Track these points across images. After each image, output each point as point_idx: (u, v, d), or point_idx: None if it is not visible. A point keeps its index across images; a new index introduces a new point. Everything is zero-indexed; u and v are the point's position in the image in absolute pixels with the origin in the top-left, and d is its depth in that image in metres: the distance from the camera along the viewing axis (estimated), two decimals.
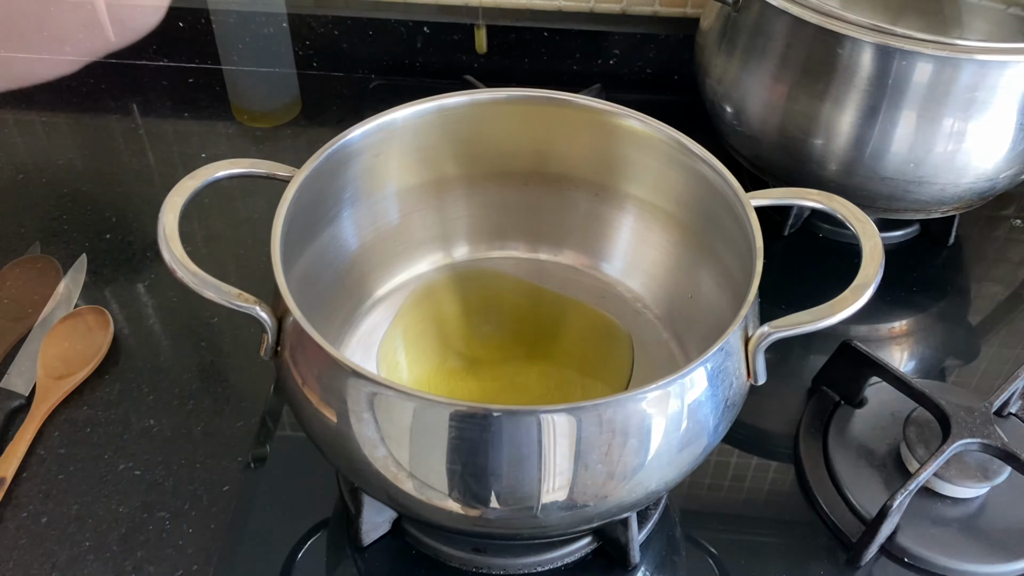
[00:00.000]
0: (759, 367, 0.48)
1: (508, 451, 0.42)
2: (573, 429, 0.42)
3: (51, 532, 0.56)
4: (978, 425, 0.56)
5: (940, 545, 0.56)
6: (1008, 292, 0.76)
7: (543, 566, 0.55)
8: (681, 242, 0.61)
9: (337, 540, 0.56)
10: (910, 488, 0.54)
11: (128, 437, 0.61)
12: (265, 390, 0.65)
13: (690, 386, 0.44)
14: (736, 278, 0.53)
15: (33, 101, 0.92)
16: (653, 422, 0.44)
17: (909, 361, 0.71)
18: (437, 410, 0.42)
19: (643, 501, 0.48)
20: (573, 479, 0.44)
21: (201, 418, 0.62)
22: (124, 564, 0.54)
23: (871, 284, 0.47)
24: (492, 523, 0.45)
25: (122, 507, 0.57)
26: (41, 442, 0.61)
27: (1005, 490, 0.58)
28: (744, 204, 0.52)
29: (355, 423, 0.44)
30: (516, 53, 0.94)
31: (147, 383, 0.65)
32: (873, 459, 0.60)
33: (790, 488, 0.60)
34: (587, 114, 0.59)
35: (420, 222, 0.65)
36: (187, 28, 0.94)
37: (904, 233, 0.80)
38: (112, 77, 0.95)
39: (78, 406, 0.63)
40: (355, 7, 0.94)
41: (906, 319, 0.74)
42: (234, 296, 0.47)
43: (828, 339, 0.63)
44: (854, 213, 0.51)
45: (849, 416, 0.63)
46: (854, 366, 0.62)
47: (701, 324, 0.59)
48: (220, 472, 0.59)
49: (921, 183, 0.69)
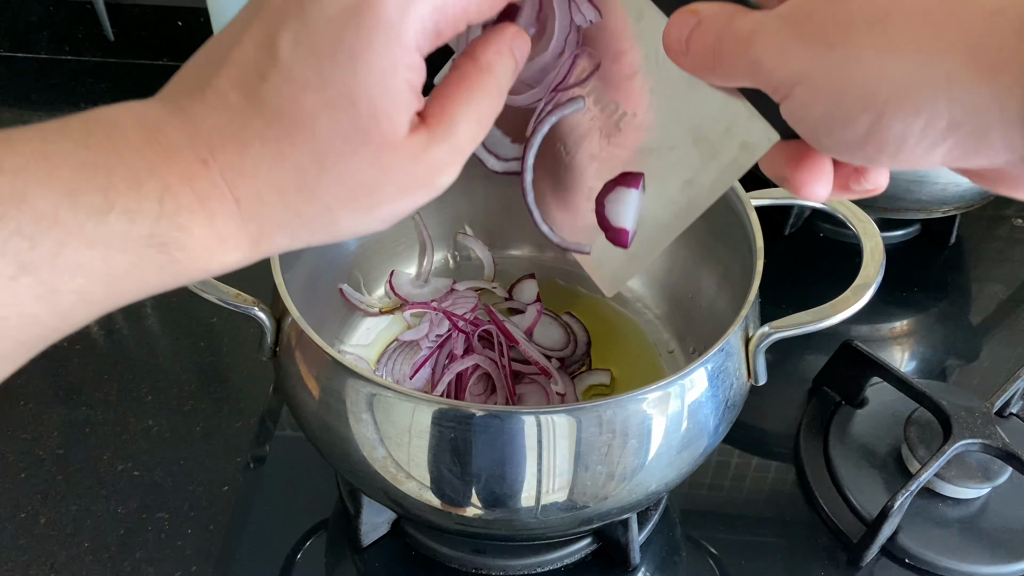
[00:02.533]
0: (759, 367, 0.48)
1: (508, 452, 0.42)
2: (573, 430, 0.42)
3: (50, 532, 0.56)
4: (979, 425, 0.56)
5: (941, 545, 0.56)
6: (1009, 292, 0.76)
7: (543, 567, 0.55)
8: (682, 242, 0.60)
9: (336, 541, 0.56)
10: (911, 488, 0.53)
11: (127, 438, 0.61)
12: (264, 391, 0.64)
13: (690, 386, 0.44)
14: (736, 278, 0.53)
15: (33, 101, 0.92)
16: (653, 423, 0.44)
17: (910, 361, 0.71)
18: (436, 411, 0.42)
19: (643, 502, 0.48)
20: (573, 480, 0.43)
21: (200, 418, 0.62)
22: (123, 565, 0.54)
23: (872, 284, 0.47)
24: (492, 524, 0.45)
25: (121, 508, 0.57)
26: (40, 442, 0.60)
27: (1006, 490, 0.58)
28: (745, 204, 0.51)
29: (354, 424, 0.44)
30: None
31: (146, 383, 0.65)
32: (874, 459, 0.60)
33: (791, 488, 0.60)
34: None
35: (420, 222, 0.65)
36: (187, 27, 0.93)
37: (905, 233, 0.80)
38: (111, 77, 0.95)
39: (77, 406, 0.63)
40: None
41: (907, 319, 0.74)
42: (232, 296, 0.47)
43: (829, 339, 0.63)
44: (855, 213, 0.51)
45: (850, 416, 0.63)
46: (855, 366, 0.62)
47: (701, 324, 0.59)
48: (219, 472, 0.59)
49: (922, 182, 0.69)
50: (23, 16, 0.94)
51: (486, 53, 0.31)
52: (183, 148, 0.27)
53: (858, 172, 0.31)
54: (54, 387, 0.64)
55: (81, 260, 0.26)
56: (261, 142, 0.27)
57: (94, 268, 0.26)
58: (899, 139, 0.26)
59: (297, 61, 0.27)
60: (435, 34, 0.28)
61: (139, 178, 0.26)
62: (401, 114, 0.28)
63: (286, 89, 0.27)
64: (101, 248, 0.26)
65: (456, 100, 0.30)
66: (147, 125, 0.27)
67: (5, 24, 0.95)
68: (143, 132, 0.27)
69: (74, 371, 0.65)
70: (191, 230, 0.27)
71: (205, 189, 0.27)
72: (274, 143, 0.27)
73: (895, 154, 0.26)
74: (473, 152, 0.32)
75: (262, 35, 0.28)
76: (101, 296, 0.27)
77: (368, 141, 0.28)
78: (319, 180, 0.28)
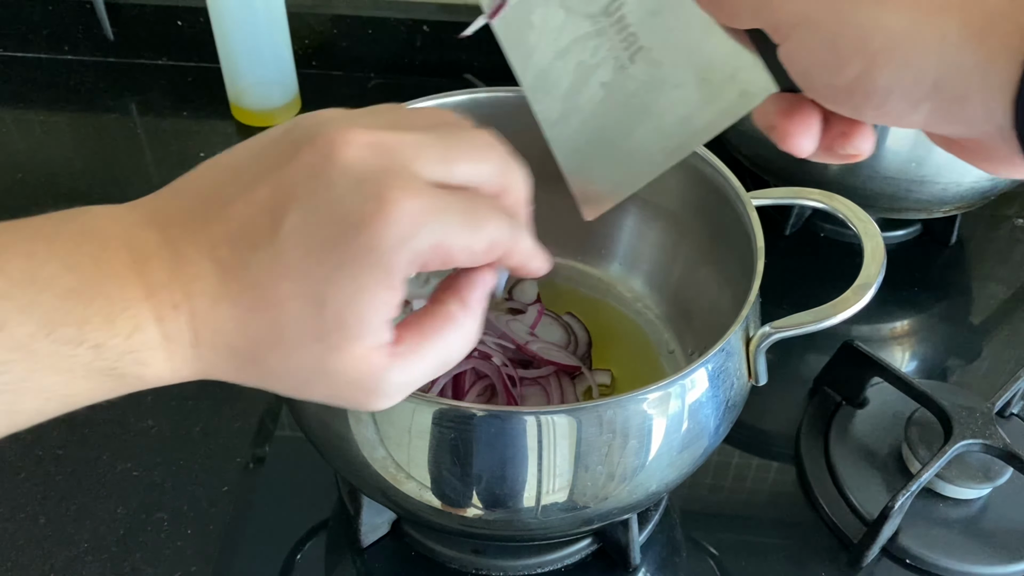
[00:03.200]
0: (760, 367, 0.48)
1: (508, 453, 0.42)
2: (573, 430, 0.42)
3: (49, 533, 0.56)
4: (980, 426, 0.56)
5: (942, 546, 0.56)
6: (1010, 292, 0.76)
7: (543, 567, 0.55)
8: (682, 242, 0.61)
9: (336, 541, 0.56)
10: (912, 489, 0.53)
11: (127, 437, 0.61)
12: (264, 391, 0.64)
13: (691, 387, 0.44)
14: (737, 278, 0.53)
15: (33, 101, 0.91)
16: (654, 423, 0.43)
17: (911, 361, 0.71)
18: (436, 412, 0.42)
19: (644, 502, 0.48)
20: (573, 480, 0.43)
21: (200, 418, 0.62)
22: (123, 565, 0.54)
23: (873, 284, 0.47)
24: (492, 525, 0.45)
25: (120, 508, 0.57)
26: (39, 442, 0.60)
27: (1007, 491, 0.58)
28: (745, 203, 0.51)
29: (354, 424, 0.44)
30: None
31: None
32: (875, 460, 0.60)
33: (791, 489, 0.60)
34: None
35: None
36: (186, 27, 0.93)
37: (906, 233, 0.80)
38: (111, 77, 0.95)
39: None
40: (355, 5, 0.94)
41: (908, 319, 0.74)
42: None
43: (829, 339, 0.63)
44: (856, 212, 0.51)
45: (851, 417, 0.63)
46: (856, 366, 0.62)
47: (702, 324, 0.59)
48: (219, 473, 0.59)
49: (923, 182, 0.68)
50: (23, 16, 0.94)
51: (472, 294, 0.32)
52: (162, 288, 0.28)
53: (844, 135, 0.32)
54: None
55: (45, 384, 0.27)
56: (232, 304, 0.28)
57: (55, 391, 0.27)
58: (885, 91, 0.27)
59: (291, 247, 0.27)
60: (421, 267, 0.29)
61: (114, 313, 0.27)
62: (369, 329, 0.28)
63: (271, 267, 0.28)
64: (66, 375, 0.27)
65: (432, 333, 0.31)
66: (135, 252, 0.28)
67: (5, 24, 0.94)
68: (130, 259, 0.28)
69: None
70: (151, 364, 0.28)
71: (171, 331, 0.28)
72: (243, 309, 0.28)
73: (880, 105, 0.27)
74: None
75: (272, 203, 0.28)
76: (55, 411, 0.29)
77: (322, 341, 0.28)
78: (268, 355, 0.29)
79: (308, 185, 0.28)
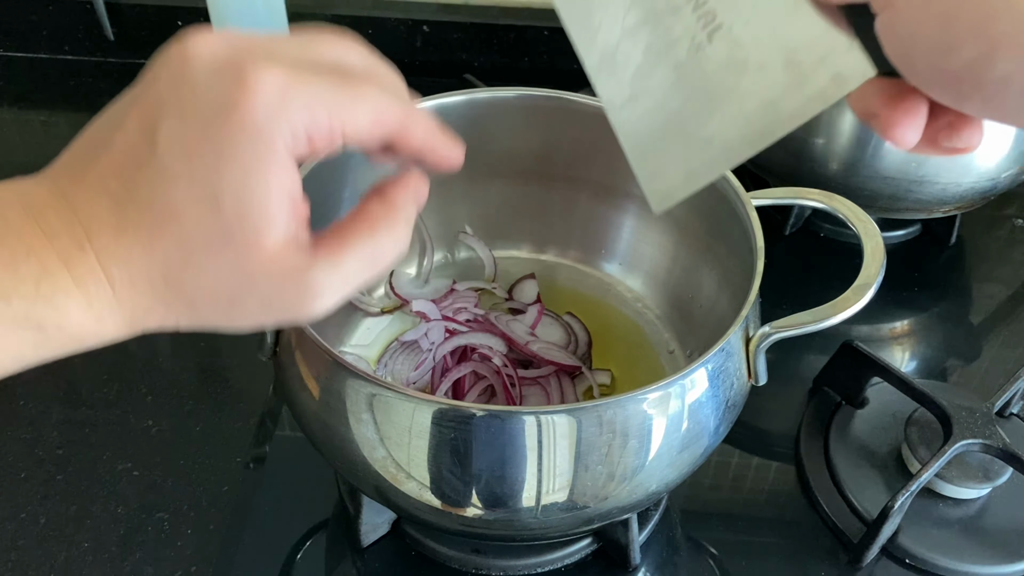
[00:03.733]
0: (760, 367, 0.48)
1: (508, 452, 0.42)
2: (573, 430, 0.42)
3: (49, 533, 0.56)
4: (980, 426, 0.56)
5: (941, 546, 0.56)
6: (1010, 292, 0.76)
7: (543, 567, 0.55)
8: (682, 242, 0.61)
9: (337, 541, 0.56)
10: (911, 489, 0.53)
11: (127, 437, 0.61)
12: (264, 391, 0.64)
13: (691, 387, 0.44)
14: (737, 278, 0.53)
15: (33, 101, 0.91)
16: (653, 423, 0.43)
17: (910, 361, 0.71)
18: (436, 412, 0.42)
19: (644, 502, 0.48)
20: (573, 480, 0.43)
21: (200, 418, 0.62)
22: (123, 565, 0.54)
23: (873, 284, 0.47)
24: (492, 524, 0.45)
25: (121, 508, 0.57)
26: (40, 442, 0.60)
27: (1007, 491, 0.58)
28: (745, 203, 0.51)
29: (354, 424, 0.44)
30: (516, 52, 0.94)
31: (146, 383, 0.64)
32: (874, 460, 0.60)
33: (791, 489, 0.60)
34: (587, 113, 0.59)
35: (420, 222, 0.65)
36: (187, 27, 0.93)
37: (906, 233, 0.80)
38: (111, 77, 0.95)
39: (77, 406, 0.63)
40: (354, 5, 0.94)
41: (907, 319, 0.74)
42: None
43: (829, 339, 0.63)
44: (855, 212, 0.51)
45: (850, 416, 0.63)
46: (855, 366, 0.62)
47: (702, 324, 0.59)
48: (219, 472, 0.59)
49: (923, 182, 0.68)
50: (23, 16, 0.94)
51: (395, 191, 0.31)
52: (61, 232, 0.28)
53: (951, 126, 0.28)
54: (54, 387, 0.64)
55: None
56: (135, 230, 0.28)
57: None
58: (1001, 82, 0.23)
59: (170, 155, 0.27)
60: (307, 141, 0.28)
61: (16, 261, 0.27)
62: (272, 217, 0.28)
63: (159, 181, 0.28)
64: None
65: (355, 232, 0.30)
66: (29, 207, 0.28)
67: (5, 24, 0.94)
68: (25, 214, 0.28)
69: (74, 371, 0.65)
70: (68, 311, 0.28)
71: (82, 273, 0.28)
72: (146, 233, 0.28)
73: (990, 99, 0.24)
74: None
75: (143, 123, 0.28)
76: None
77: (231, 242, 0.28)
78: (183, 274, 0.28)
79: (171, 93, 0.28)
